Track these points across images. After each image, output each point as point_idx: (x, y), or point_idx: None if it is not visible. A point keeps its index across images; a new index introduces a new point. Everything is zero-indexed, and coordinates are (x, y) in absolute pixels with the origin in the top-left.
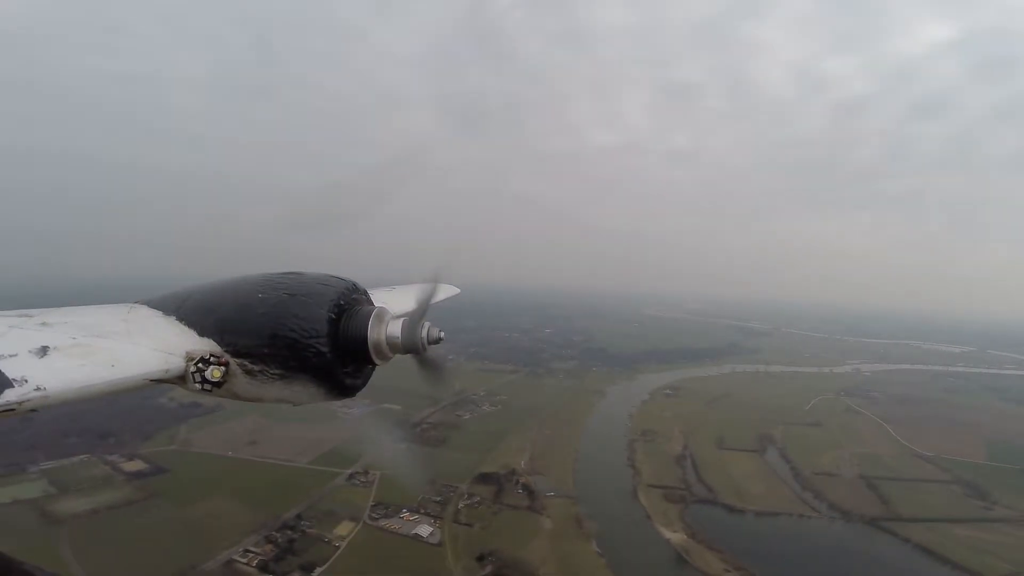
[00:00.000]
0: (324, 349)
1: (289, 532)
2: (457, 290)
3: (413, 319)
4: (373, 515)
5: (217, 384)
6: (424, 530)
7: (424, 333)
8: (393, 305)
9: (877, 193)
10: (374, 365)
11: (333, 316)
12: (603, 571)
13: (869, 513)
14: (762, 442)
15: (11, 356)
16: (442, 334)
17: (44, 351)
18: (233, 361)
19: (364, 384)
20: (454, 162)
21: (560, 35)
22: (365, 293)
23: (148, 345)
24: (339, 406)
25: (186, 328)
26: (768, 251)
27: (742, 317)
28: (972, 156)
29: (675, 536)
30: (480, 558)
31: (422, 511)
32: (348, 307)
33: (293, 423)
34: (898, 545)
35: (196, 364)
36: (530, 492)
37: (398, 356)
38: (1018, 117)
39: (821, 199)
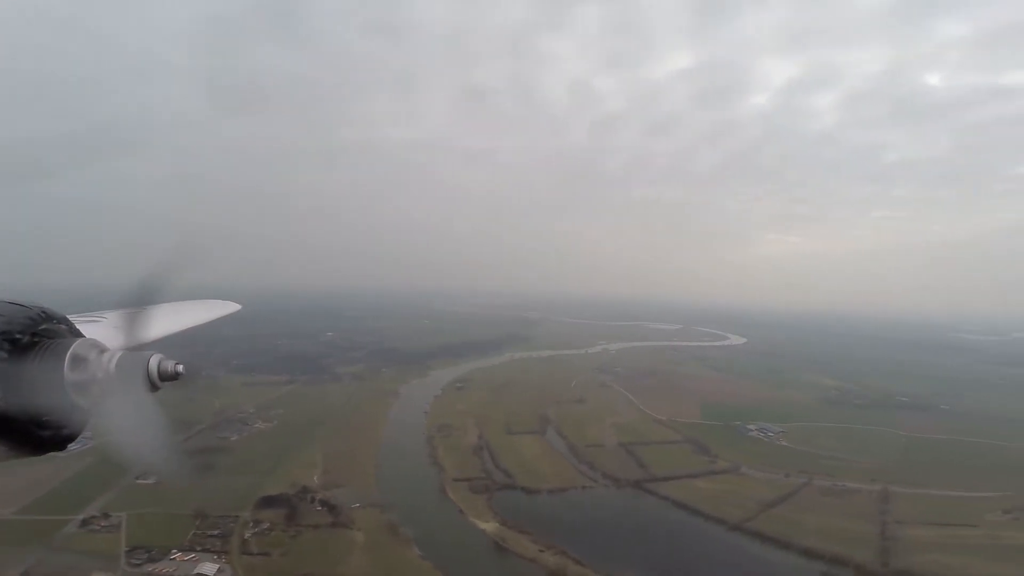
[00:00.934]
0: None
1: None
2: (237, 306)
3: (135, 351)
4: (133, 561)
5: None
6: (208, 568)
7: (154, 368)
8: (140, 332)
9: (622, 199)
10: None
11: (5, 354)
12: (431, 574)
13: (633, 477)
14: (542, 423)
15: None
16: (180, 368)
17: None
18: None
19: (77, 433)
20: (220, 147)
21: (374, 24)
22: (65, 322)
23: None
24: None
25: None
26: (544, 247)
27: (521, 308)
28: (688, 170)
29: (489, 526)
30: None
31: (199, 548)
32: (34, 341)
33: None
34: (659, 502)
35: None
36: (331, 507)
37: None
38: (722, 138)
39: (583, 202)
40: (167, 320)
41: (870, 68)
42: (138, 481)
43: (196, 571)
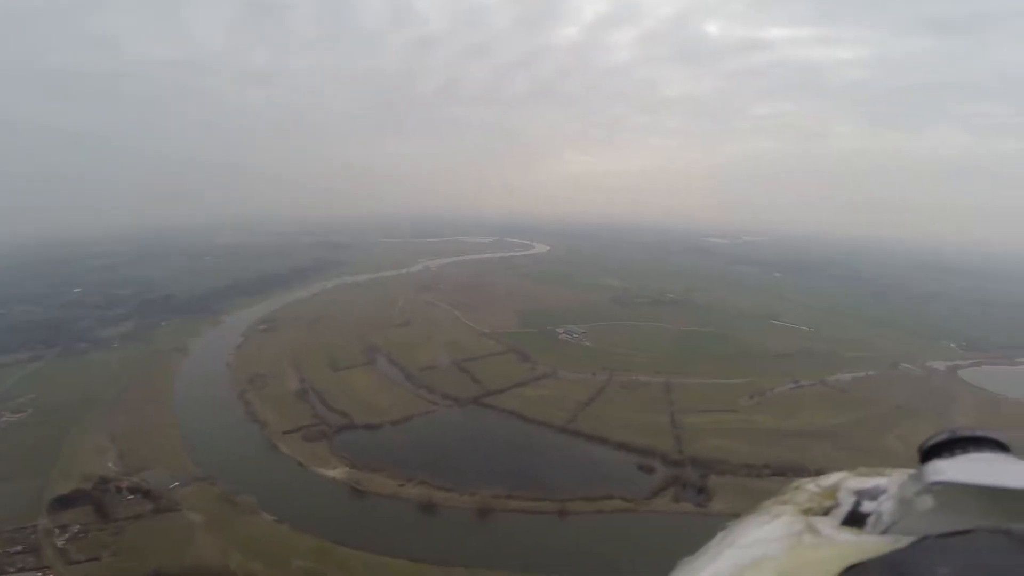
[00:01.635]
0: None
1: None
2: None
3: None
4: None
5: None
6: None
7: None
8: None
9: (437, 120)
10: None
11: None
12: (296, 536)
13: (471, 394)
14: (370, 353)
15: None
16: None
17: None
18: None
19: None
20: None
21: None
22: None
23: None
24: None
25: None
26: (355, 170)
27: (324, 233)
28: (501, 93)
29: (337, 472)
30: None
31: (12, 569)
32: None
33: None
34: (498, 415)
35: None
36: (145, 493)
37: None
38: (535, 65)
39: (397, 123)
40: None
41: (665, 11)
42: None
43: None
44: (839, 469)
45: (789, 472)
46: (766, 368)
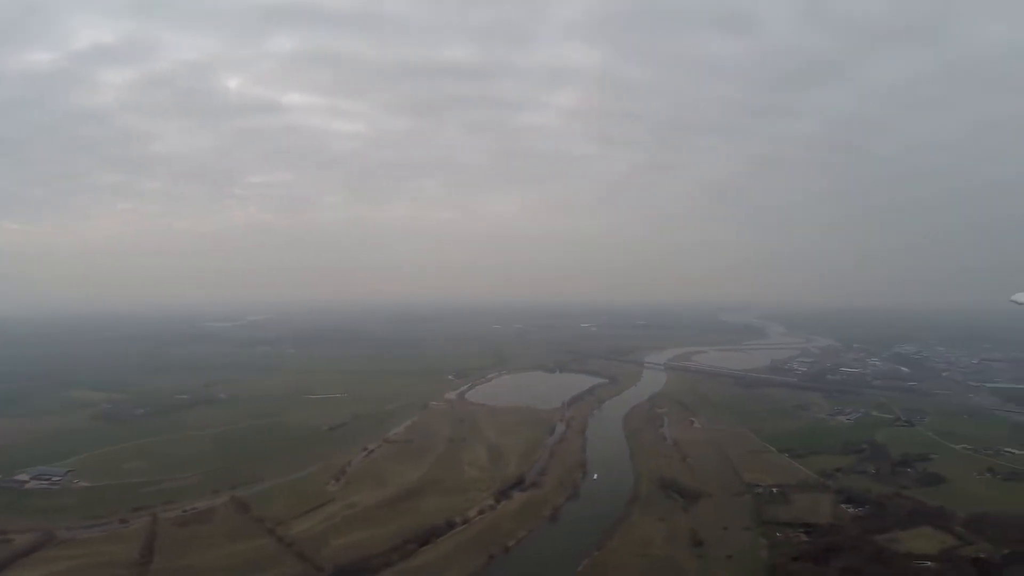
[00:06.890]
0: None
1: None
2: None
3: None
4: None
5: None
6: None
7: None
8: None
9: None
10: None
11: None
12: None
13: None
14: None
15: None
16: None
17: None
18: None
19: None
20: None
21: None
22: None
23: None
24: None
25: None
26: None
27: None
28: None
29: None
30: None
31: None
32: None
33: None
34: None
35: None
36: None
37: None
38: None
39: None
40: None
41: (186, 55)
42: None
43: None
44: (453, 515)
45: (431, 537)
46: (330, 446)
